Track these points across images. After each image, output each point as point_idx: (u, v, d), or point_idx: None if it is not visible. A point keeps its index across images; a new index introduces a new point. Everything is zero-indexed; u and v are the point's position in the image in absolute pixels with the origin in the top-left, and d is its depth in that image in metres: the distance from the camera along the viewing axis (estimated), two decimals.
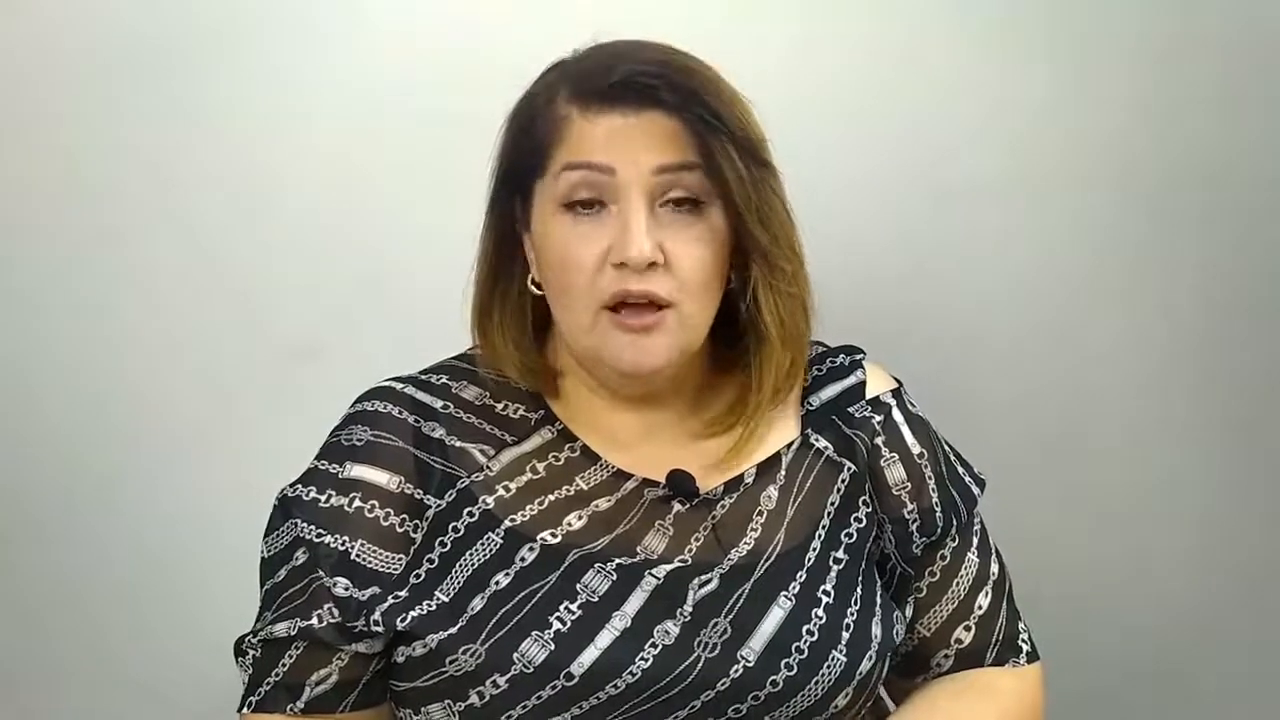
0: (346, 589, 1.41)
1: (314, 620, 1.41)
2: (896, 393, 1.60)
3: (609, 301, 1.40)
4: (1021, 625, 1.62)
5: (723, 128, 1.39)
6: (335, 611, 1.41)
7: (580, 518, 1.45)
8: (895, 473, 1.55)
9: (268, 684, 1.43)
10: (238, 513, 1.59)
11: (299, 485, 1.47)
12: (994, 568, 1.61)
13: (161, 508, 2.02)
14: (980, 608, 1.59)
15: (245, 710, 1.44)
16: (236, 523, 1.59)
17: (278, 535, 1.47)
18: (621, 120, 1.40)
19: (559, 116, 1.42)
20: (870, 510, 1.53)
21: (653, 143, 1.39)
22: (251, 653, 1.45)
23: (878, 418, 1.56)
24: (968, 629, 1.58)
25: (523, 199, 1.47)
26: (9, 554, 2.03)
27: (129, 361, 2.01)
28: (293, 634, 1.42)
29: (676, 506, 1.48)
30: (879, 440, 1.56)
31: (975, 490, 1.61)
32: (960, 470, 1.61)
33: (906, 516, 1.55)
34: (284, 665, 1.43)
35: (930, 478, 1.57)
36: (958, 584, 1.58)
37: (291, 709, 1.42)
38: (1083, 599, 2.11)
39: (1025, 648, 1.61)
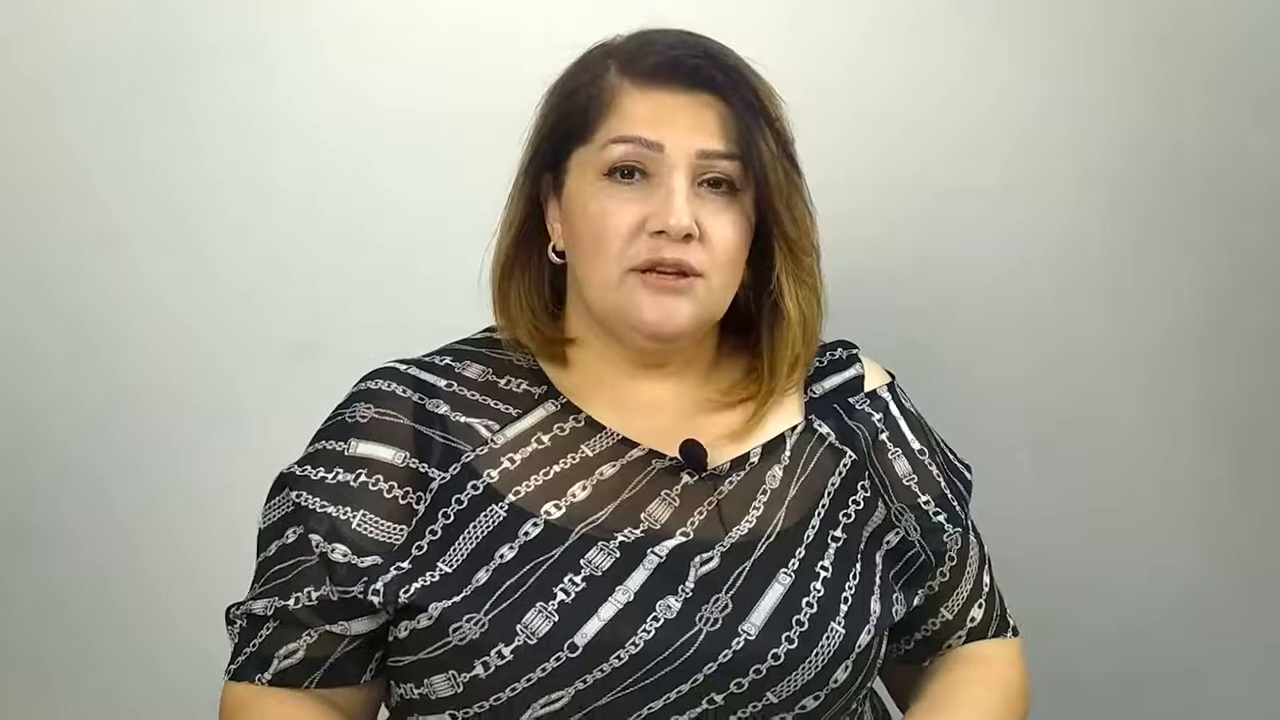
0: (345, 555, 1.42)
1: (290, 601, 1.43)
2: (891, 386, 1.64)
3: (640, 265, 1.42)
4: (1004, 599, 1.68)
5: (764, 116, 1.45)
6: (313, 595, 1.43)
7: (584, 488, 1.46)
8: (902, 465, 1.58)
9: (244, 654, 1.46)
10: (238, 509, 1.59)
11: (306, 465, 1.48)
12: (985, 548, 1.66)
13: (162, 504, 2.03)
14: (986, 585, 1.64)
15: (226, 678, 1.48)
16: (237, 519, 1.59)
17: (272, 507, 1.49)
18: (671, 98, 1.44)
19: (609, 85, 1.46)
20: (869, 495, 1.54)
21: (699, 125, 1.43)
22: (239, 622, 1.47)
23: (876, 415, 1.59)
24: (980, 607, 1.63)
25: (554, 167, 1.49)
26: (10, 552, 2.04)
27: (129, 359, 2.02)
28: (268, 614, 1.44)
29: (685, 478, 1.49)
30: (884, 436, 1.59)
31: (969, 476, 1.65)
32: (954, 459, 1.65)
33: (924, 506, 1.57)
34: (260, 638, 1.45)
35: (939, 476, 1.59)
36: (970, 566, 1.62)
37: (259, 679, 1.45)
38: (1081, 597, 2.11)
39: (1012, 622, 1.68)
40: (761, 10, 2.02)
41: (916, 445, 1.60)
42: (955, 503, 1.59)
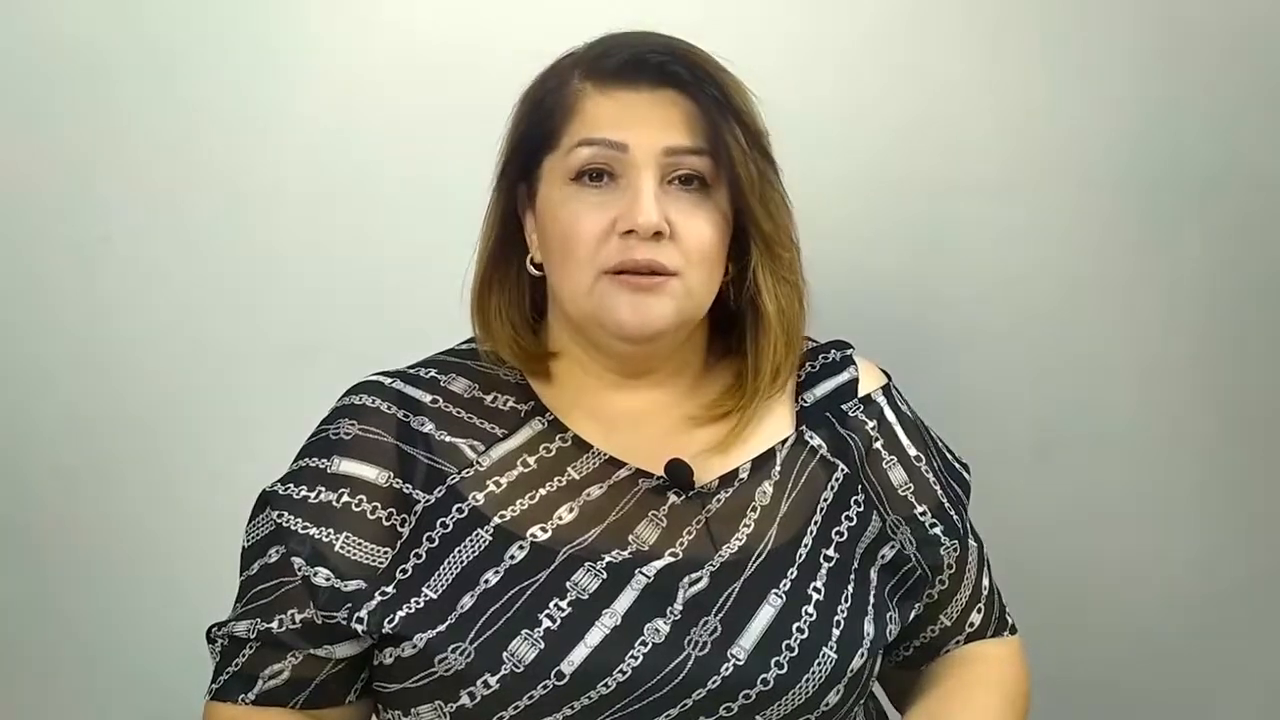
0: (328, 579, 1.41)
1: (273, 624, 1.43)
2: (887, 389, 1.61)
3: (612, 267, 1.41)
4: (1002, 598, 1.67)
5: (732, 111, 1.42)
6: (297, 617, 1.42)
7: (571, 509, 1.45)
8: (898, 474, 1.57)
9: (227, 674, 1.45)
10: (237, 508, 1.59)
11: (288, 484, 1.47)
12: (984, 548, 1.64)
13: (160, 505, 2.04)
14: (985, 589, 1.63)
15: (206, 698, 1.47)
16: (234, 518, 1.59)
17: (254, 526, 1.48)
18: (635, 96, 1.42)
19: (573, 91, 1.44)
20: (863, 509, 1.52)
21: (665, 122, 1.42)
22: (220, 641, 1.46)
23: (870, 423, 1.57)
24: (979, 612, 1.62)
25: (529, 177, 1.48)
26: (7, 552, 2.04)
27: (128, 360, 2.02)
28: (251, 636, 1.44)
29: (672, 498, 1.47)
30: (878, 444, 1.57)
31: (967, 477, 1.63)
32: (952, 461, 1.63)
33: (920, 518, 1.55)
34: (243, 657, 1.45)
35: (936, 483, 1.58)
36: (969, 571, 1.61)
37: (242, 699, 1.44)
38: (1081, 597, 2.11)
39: (1010, 620, 1.67)
40: (761, 9, 2.01)
41: (913, 451, 1.58)
42: (952, 511, 1.57)
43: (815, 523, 1.49)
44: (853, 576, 1.48)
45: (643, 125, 1.41)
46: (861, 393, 1.59)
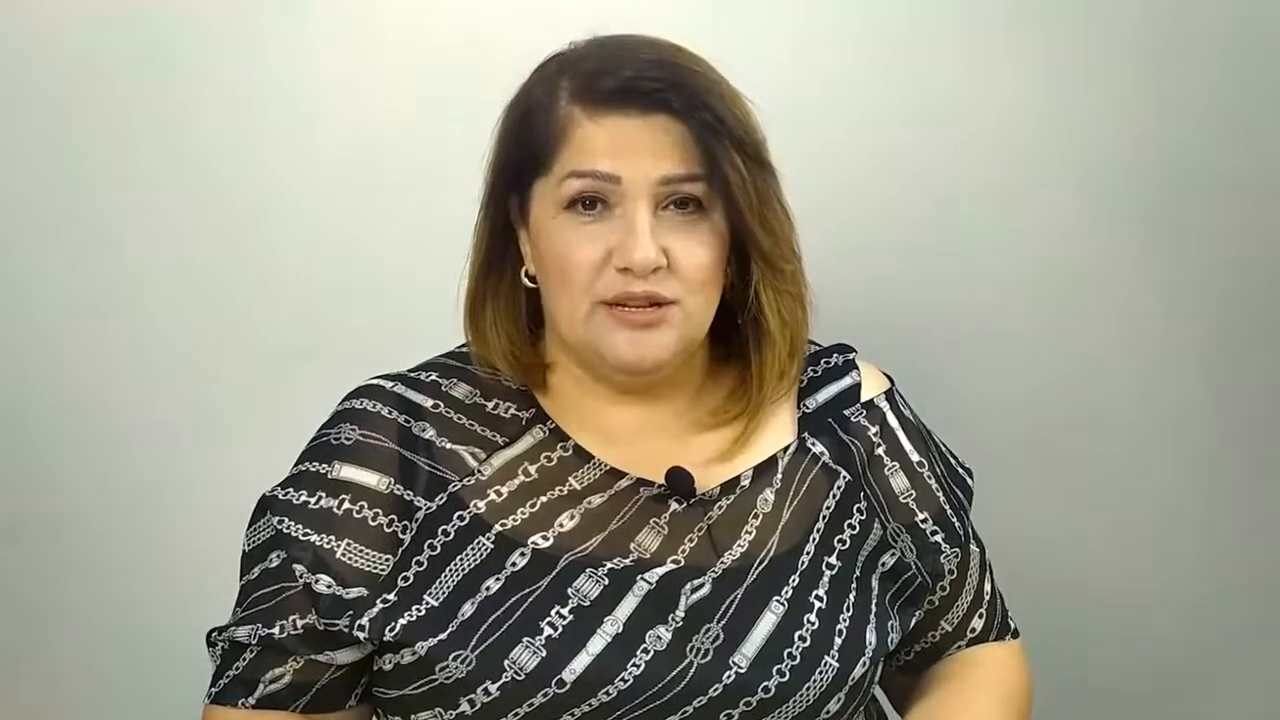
0: (330, 586, 1.40)
1: (275, 630, 1.42)
2: (889, 394, 1.60)
3: (609, 300, 1.39)
4: (1004, 601, 1.67)
5: (726, 133, 1.38)
6: (298, 623, 1.41)
7: (572, 517, 1.44)
8: (899, 481, 1.56)
9: (227, 678, 1.44)
10: (235, 511, 1.59)
11: (289, 489, 1.46)
12: (985, 553, 1.63)
13: (158, 507, 2.03)
14: (987, 593, 1.63)
15: (206, 701, 1.46)
16: (233, 522, 1.59)
17: (255, 531, 1.47)
18: (627, 123, 1.38)
19: (561, 117, 1.40)
20: (865, 517, 1.52)
21: (658, 150, 1.38)
22: (220, 645, 1.46)
23: (873, 428, 1.57)
24: (980, 617, 1.62)
25: (520, 194, 1.45)
26: (7, 552, 2.04)
27: (127, 362, 2.02)
28: (252, 641, 1.43)
29: (673, 506, 1.46)
30: (880, 450, 1.56)
31: (970, 482, 1.63)
32: (954, 465, 1.62)
33: (921, 525, 1.55)
34: (244, 661, 1.44)
35: (938, 489, 1.57)
36: (971, 576, 1.60)
37: (243, 703, 1.43)
38: (1082, 599, 2.11)
39: (1012, 625, 1.67)
40: (762, 11, 2.00)
41: (915, 457, 1.57)
42: (954, 518, 1.57)
43: (817, 530, 1.49)
44: (854, 584, 1.48)
45: (635, 155, 1.38)
46: (864, 398, 1.58)
